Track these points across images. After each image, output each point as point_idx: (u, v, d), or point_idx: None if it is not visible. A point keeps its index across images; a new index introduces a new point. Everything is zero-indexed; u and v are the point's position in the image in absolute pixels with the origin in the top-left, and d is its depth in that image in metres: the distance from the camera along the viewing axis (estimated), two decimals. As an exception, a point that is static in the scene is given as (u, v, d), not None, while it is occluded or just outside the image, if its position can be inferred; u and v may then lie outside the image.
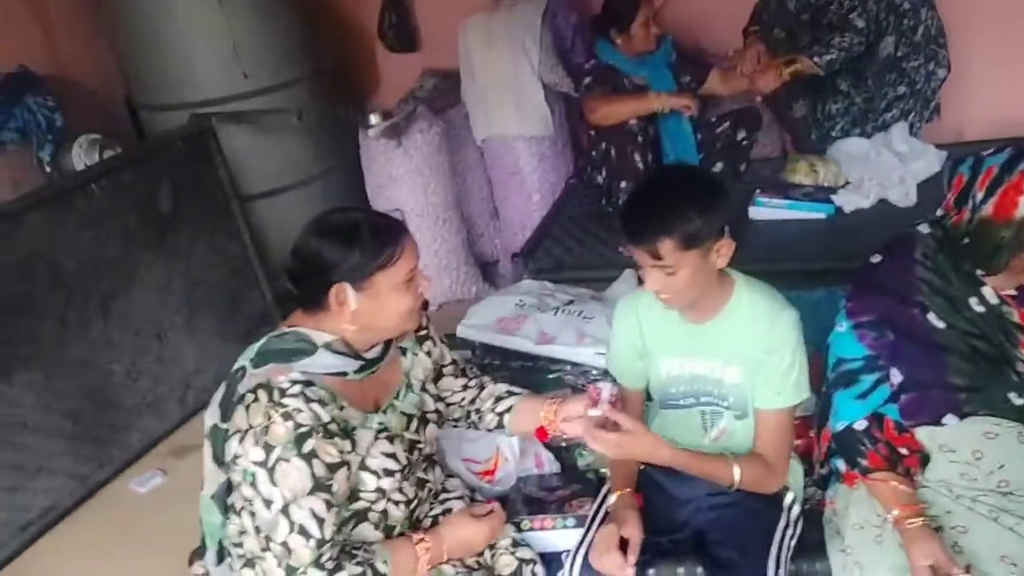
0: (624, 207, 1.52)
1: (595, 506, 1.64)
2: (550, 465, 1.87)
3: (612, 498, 1.56)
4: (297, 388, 1.34)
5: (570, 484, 1.77)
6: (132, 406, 2.91)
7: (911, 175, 2.68)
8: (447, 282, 3.44)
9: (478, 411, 1.69)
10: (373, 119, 3.38)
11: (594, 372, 2.01)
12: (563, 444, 1.95)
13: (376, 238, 1.38)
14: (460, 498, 1.64)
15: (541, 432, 1.63)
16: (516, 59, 3.33)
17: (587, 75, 2.92)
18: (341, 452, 1.36)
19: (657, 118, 2.88)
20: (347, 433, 1.38)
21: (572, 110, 3.60)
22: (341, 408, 1.39)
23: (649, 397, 1.72)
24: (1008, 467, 1.38)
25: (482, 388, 1.71)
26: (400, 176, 3.31)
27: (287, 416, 1.31)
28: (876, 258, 1.55)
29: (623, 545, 1.45)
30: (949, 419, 1.41)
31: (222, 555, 1.56)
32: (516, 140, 3.43)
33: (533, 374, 2.08)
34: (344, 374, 1.41)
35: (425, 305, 1.54)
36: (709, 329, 1.57)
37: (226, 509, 1.49)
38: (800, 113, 3.21)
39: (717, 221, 1.44)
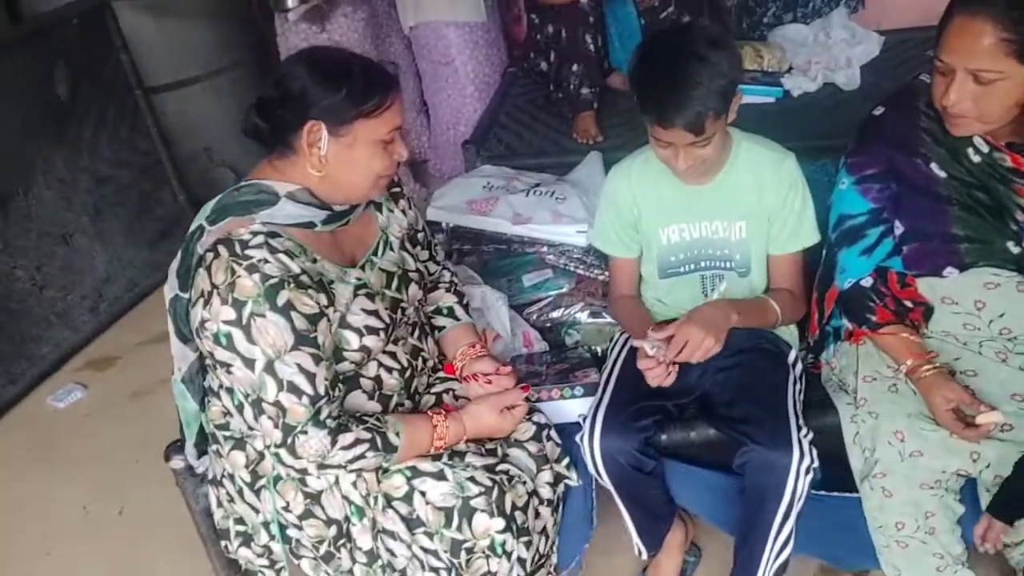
0: (646, 92, 1.39)
1: (612, 358, 1.60)
2: (538, 344, 1.82)
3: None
4: (260, 239, 1.23)
5: (564, 359, 1.72)
6: (40, 316, 2.63)
7: (856, 58, 2.71)
8: (379, 180, 3.25)
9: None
10: (290, 2, 3.08)
11: (574, 251, 1.93)
12: (547, 324, 1.89)
13: (367, 83, 1.26)
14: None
15: (449, 368, 1.57)
16: (447, -63, 3.11)
17: (530, -49, 2.76)
18: (319, 304, 1.25)
19: (604, 2, 2.76)
20: (323, 286, 1.28)
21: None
22: (314, 261, 1.29)
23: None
24: (1008, 315, 1.41)
25: (435, 287, 1.62)
26: (324, 64, 3.06)
27: (252, 268, 1.20)
28: (879, 110, 1.54)
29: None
30: (950, 271, 1.43)
31: (203, 446, 1.43)
32: (448, 27, 3.22)
33: (509, 256, 1.99)
34: (312, 225, 1.30)
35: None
36: (711, 190, 1.53)
37: (203, 393, 1.39)
38: (731, 1, 3.17)
39: (738, 73, 1.39)
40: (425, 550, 1.34)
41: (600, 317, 1.86)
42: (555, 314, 1.89)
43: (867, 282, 1.47)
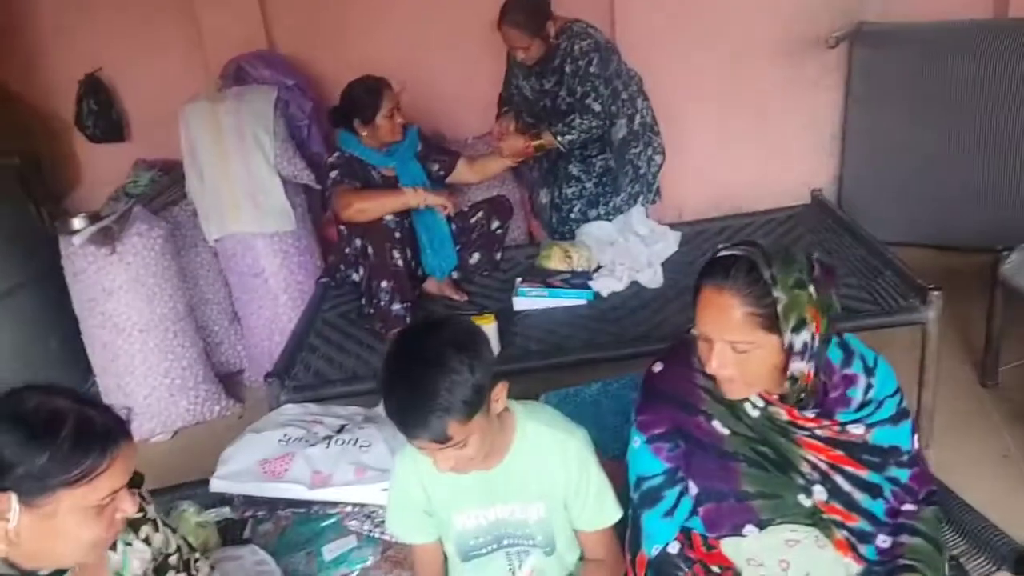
0: (389, 404, 1.31)
1: None
2: None
3: None
4: None
5: None
6: None
7: (656, 257, 2.81)
8: (183, 404, 2.99)
9: None
10: (77, 223, 2.88)
11: (380, 513, 1.76)
12: None
13: (76, 444, 1.06)
14: None
15: None
16: (248, 152, 3.05)
17: (333, 168, 2.73)
18: None
19: (412, 211, 2.76)
20: None
21: (315, 203, 3.37)
22: None
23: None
24: (814, 573, 1.37)
25: None
26: (116, 288, 2.84)
27: None
28: (658, 367, 1.52)
29: None
30: (750, 529, 1.40)
31: None
32: (255, 238, 3.11)
33: (310, 521, 1.79)
34: None
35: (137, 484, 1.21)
36: (500, 473, 1.45)
37: None
38: (545, 200, 3.29)
39: (487, 372, 1.31)
40: None
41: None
42: (361, 593, 1.69)
43: (674, 547, 1.41)
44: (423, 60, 3.67)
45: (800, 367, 1.29)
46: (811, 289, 1.27)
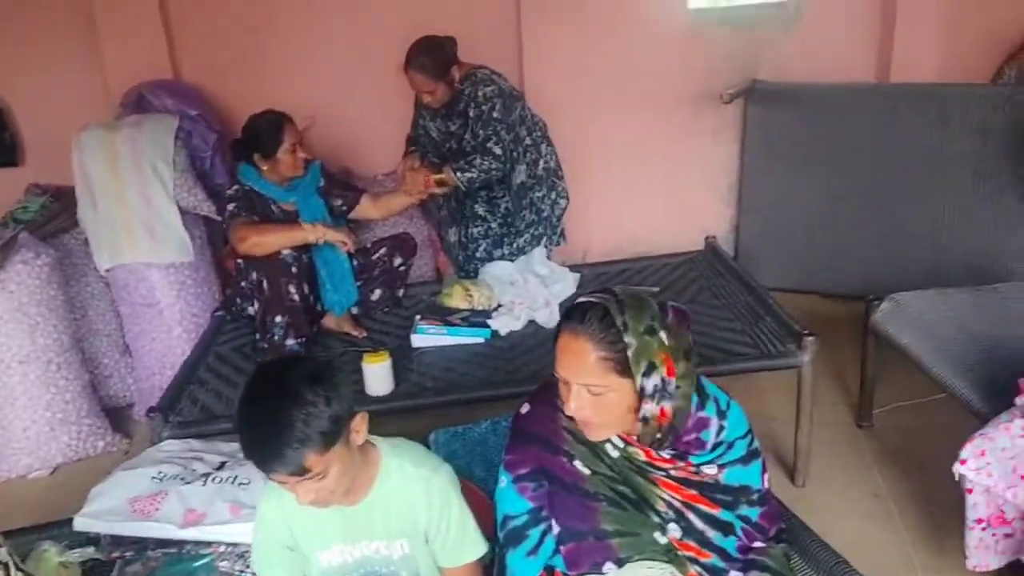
0: (244, 439, 1.31)
1: None
2: None
3: None
4: None
5: None
6: None
7: (554, 297, 2.87)
8: (64, 439, 2.87)
9: None
10: (-43, 248, 2.76)
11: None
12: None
13: None
14: None
15: None
16: (146, 182, 2.99)
17: (231, 201, 2.70)
18: None
19: (311, 246, 2.75)
20: None
21: (215, 234, 3.32)
22: None
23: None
24: (670, 607, 1.42)
25: None
26: (-3, 318, 2.72)
27: None
28: (525, 407, 1.56)
29: None
30: (609, 567, 1.44)
31: None
32: (150, 268, 3.03)
33: (181, 561, 1.74)
34: None
35: None
36: (364, 509, 1.45)
37: None
38: (453, 238, 3.33)
39: (344, 403, 1.33)
40: None
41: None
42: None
43: None
44: (334, 96, 3.69)
45: (651, 408, 1.34)
46: (662, 335, 1.33)
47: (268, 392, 1.29)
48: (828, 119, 3.60)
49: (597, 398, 1.34)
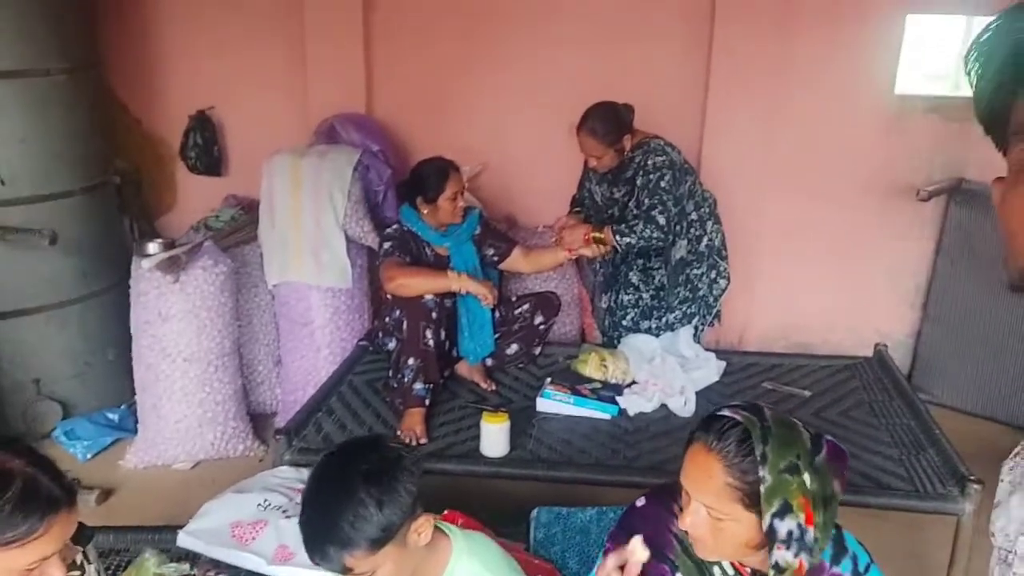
0: (300, 522, 1.31)
1: None
2: None
3: None
4: None
5: None
6: None
7: (692, 384, 2.72)
8: (209, 437, 3.07)
9: None
10: (152, 247, 3.05)
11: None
12: None
13: (20, 507, 1.09)
14: None
15: None
16: (321, 208, 3.17)
17: (388, 240, 2.80)
18: None
19: (456, 292, 2.79)
20: None
21: (375, 265, 3.45)
22: None
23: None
24: None
25: None
26: (172, 315, 2.97)
27: None
28: (640, 501, 1.47)
29: None
30: None
31: None
32: (310, 289, 3.21)
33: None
34: None
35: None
36: None
37: None
38: (604, 304, 3.26)
39: (400, 509, 1.27)
40: None
41: None
42: None
43: None
44: (509, 144, 3.75)
45: (786, 557, 1.19)
46: (805, 476, 1.18)
47: (328, 482, 1.29)
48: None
49: (716, 522, 1.23)
